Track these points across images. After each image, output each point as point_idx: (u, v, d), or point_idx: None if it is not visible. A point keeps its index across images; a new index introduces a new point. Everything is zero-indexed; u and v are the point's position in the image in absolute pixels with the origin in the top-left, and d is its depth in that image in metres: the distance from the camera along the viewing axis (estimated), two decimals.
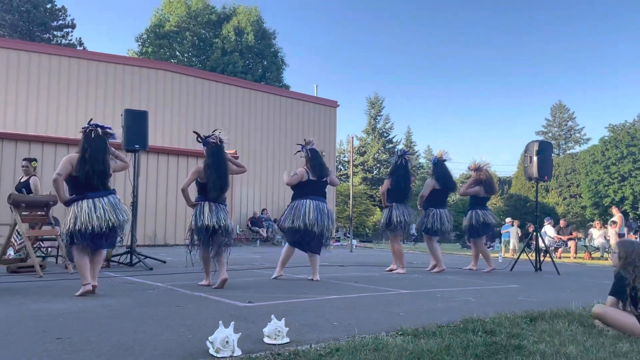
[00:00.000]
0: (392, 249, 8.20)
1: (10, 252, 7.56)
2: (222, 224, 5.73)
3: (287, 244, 6.88)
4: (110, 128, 5.37)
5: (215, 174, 5.76)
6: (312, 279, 6.60)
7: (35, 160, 8.63)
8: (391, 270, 8.11)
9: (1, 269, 7.07)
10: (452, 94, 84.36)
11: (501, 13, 76.97)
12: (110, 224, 5.05)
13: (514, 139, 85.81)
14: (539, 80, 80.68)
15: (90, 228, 4.93)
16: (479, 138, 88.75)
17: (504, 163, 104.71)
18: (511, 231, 16.78)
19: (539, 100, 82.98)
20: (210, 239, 5.74)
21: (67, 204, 5.13)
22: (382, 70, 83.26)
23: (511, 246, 16.74)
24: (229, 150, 6.13)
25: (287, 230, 6.69)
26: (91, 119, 5.43)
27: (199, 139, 6.05)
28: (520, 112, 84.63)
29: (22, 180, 8.30)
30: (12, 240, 7.39)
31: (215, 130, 6.06)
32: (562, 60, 77.82)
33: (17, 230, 7.26)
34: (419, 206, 8.47)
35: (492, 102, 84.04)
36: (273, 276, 6.77)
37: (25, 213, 7.17)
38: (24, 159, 8.48)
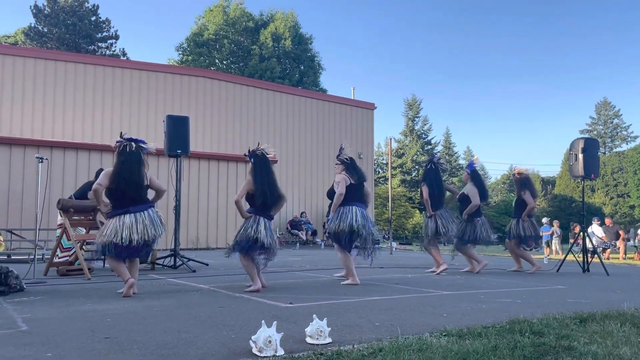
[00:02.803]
0: (432, 253, 8.20)
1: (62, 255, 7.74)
2: (272, 244, 5.74)
3: (341, 249, 6.61)
4: (144, 142, 5.41)
5: (262, 186, 5.74)
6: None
7: None
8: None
9: (52, 271, 7.32)
10: (493, 94, 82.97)
11: (543, 9, 75.23)
12: (147, 238, 5.16)
13: (557, 139, 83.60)
14: (583, 77, 78.45)
15: (127, 242, 5.04)
16: (521, 138, 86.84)
17: (547, 163, 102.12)
18: (551, 231, 16.45)
19: (583, 98, 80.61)
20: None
21: (110, 215, 5.24)
22: (419, 71, 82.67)
23: (553, 247, 16.45)
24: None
25: (333, 233, 6.55)
26: (123, 133, 5.51)
27: (246, 153, 6.03)
28: (564, 110, 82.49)
29: None
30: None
31: (262, 144, 6.05)
32: (606, 56, 75.45)
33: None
34: (464, 216, 8.36)
35: (534, 100, 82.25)
36: (346, 282, 6.51)
37: (75, 218, 7.41)
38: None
